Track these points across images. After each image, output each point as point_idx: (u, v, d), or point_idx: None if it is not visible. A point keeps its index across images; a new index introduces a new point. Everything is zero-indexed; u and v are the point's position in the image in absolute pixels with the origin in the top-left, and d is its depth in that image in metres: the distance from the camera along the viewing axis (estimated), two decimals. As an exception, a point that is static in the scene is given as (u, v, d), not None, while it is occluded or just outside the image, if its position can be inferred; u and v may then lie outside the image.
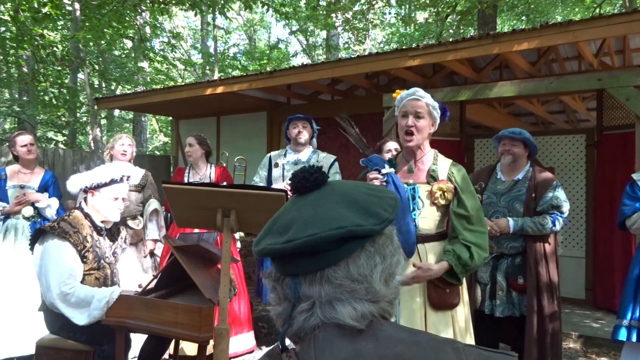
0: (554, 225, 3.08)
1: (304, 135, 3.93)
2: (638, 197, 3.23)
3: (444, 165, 2.40)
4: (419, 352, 0.76)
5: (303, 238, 0.77)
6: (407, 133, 2.34)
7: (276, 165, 3.98)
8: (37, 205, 4.10)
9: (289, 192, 3.63)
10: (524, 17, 14.71)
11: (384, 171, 2.29)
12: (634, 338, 3.19)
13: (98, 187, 2.85)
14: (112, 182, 2.88)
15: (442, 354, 0.77)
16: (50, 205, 4.14)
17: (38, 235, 2.75)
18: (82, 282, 2.68)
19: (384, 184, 2.27)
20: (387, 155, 3.58)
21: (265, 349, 4.09)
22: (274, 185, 3.86)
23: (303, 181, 0.88)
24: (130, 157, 4.19)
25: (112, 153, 4.16)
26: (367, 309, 0.79)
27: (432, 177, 2.35)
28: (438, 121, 2.41)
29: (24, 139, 4.17)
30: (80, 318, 2.61)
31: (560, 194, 3.13)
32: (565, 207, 3.13)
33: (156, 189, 4.36)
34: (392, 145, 3.97)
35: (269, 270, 0.87)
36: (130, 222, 4.05)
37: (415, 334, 0.81)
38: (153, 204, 4.23)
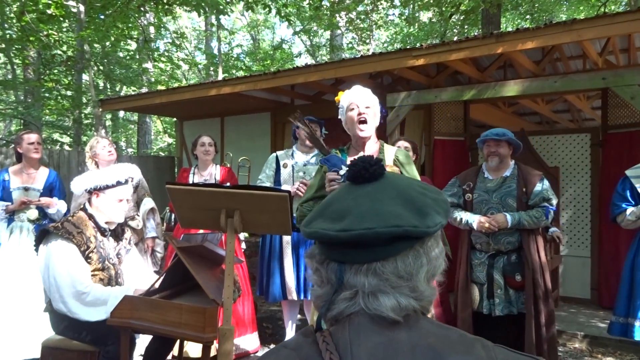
0: (547, 217, 3.14)
1: None
2: (626, 197, 3.38)
3: (390, 153, 2.59)
4: (450, 345, 0.77)
5: (359, 230, 0.77)
6: (361, 122, 2.49)
7: (285, 166, 3.96)
8: (48, 211, 4.09)
9: (292, 193, 3.65)
10: (528, 16, 14.68)
11: (342, 172, 2.34)
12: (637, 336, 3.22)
13: (103, 188, 2.86)
14: (118, 183, 2.89)
15: (472, 348, 0.78)
16: (59, 209, 4.15)
17: (42, 235, 2.76)
18: (86, 282, 2.70)
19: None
20: None
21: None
22: (283, 187, 3.84)
23: (363, 171, 0.86)
24: (116, 157, 4.17)
25: (96, 159, 4.08)
26: (411, 304, 0.80)
27: None
28: (379, 115, 2.58)
29: (32, 136, 4.16)
30: (96, 314, 2.63)
31: (548, 186, 3.22)
32: (554, 200, 3.21)
33: (147, 188, 4.38)
34: (402, 144, 3.96)
35: (313, 251, 0.87)
36: (130, 223, 4.06)
37: (447, 329, 0.82)
38: (149, 202, 4.25)
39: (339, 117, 2.63)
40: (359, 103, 2.50)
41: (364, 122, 2.49)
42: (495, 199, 3.21)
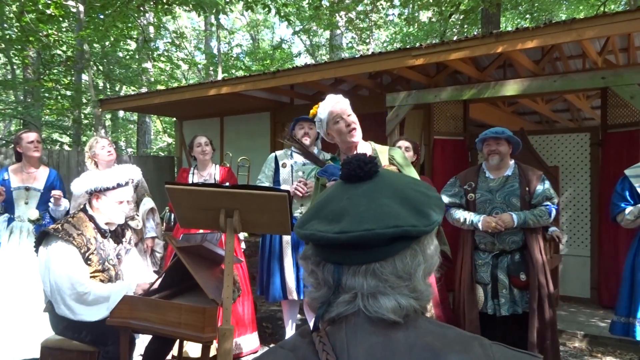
0: (550, 216, 3.16)
1: (310, 137, 3.92)
2: (625, 197, 3.38)
3: (383, 153, 2.66)
4: (447, 343, 0.77)
5: (358, 232, 0.76)
6: (352, 130, 2.59)
7: (284, 165, 3.96)
8: (57, 207, 4.07)
9: (292, 193, 3.66)
10: (527, 16, 14.68)
11: None
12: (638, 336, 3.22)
13: (104, 190, 2.85)
14: (118, 186, 2.88)
15: (469, 347, 0.77)
16: (66, 206, 4.14)
17: (42, 237, 2.76)
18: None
19: None
20: None
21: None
22: (283, 186, 3.84)
23: (357, 170, 0.85)
24: (115, 157, 4.15)
25: (95, 159, 4.05)
26: (411, 304, 0.79)
27: None
28: None
29: (31, 135, 4.16)
30: (100, 313, 2.63)
31: (549, 185, 3.24)
32: (556, 199, 3.24)
33: (147, 188, 4.37)
34: (402, 144, 3.96)
35: (307, 252, 0.85)
36: (130, 223, 4.06)
37: (445, 328, 0.81)
38: (148, 202, 4.25)
39: (317, 130, 2.71)
40: (342, 114, 2.59)
41: (354, 130, 2.60)
42: (499, 199, 3.21)
